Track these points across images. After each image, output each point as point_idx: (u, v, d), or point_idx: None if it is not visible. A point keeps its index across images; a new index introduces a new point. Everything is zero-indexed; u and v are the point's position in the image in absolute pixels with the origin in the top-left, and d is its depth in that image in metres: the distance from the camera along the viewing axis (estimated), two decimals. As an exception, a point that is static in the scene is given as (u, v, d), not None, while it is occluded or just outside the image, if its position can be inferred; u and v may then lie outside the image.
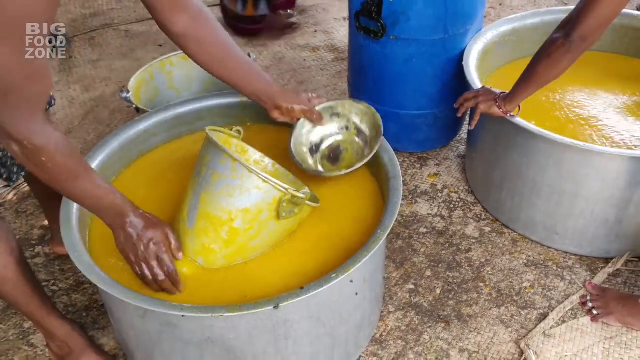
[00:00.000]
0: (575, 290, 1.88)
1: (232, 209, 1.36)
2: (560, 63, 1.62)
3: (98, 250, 1.49)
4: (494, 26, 2.25)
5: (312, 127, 1.65)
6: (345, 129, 1.66)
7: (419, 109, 2.26)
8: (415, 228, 2.11)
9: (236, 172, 1.34)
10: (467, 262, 1.99)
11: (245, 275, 1.43)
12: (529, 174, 1.90)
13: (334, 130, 1.67)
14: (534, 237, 2.04)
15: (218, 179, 1.36)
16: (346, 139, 1.66)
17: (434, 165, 2.38)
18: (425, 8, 2.00)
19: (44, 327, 1.64)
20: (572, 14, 1.60)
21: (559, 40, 1.60)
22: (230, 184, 1.35)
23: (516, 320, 1.80)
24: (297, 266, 1.44)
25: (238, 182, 1.34)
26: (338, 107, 1.66)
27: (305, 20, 3.45)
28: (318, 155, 1.65)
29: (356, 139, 1.64)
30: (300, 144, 1.63)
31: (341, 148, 1.65)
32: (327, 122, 1.66)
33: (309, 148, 1.65)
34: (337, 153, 1.65)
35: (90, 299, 1.91)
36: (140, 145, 1.74)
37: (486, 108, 1.83)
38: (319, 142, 1.66)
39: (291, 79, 2.94)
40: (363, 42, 2.16)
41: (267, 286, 1.39)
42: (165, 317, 1.31)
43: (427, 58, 2.11)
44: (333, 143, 1.66)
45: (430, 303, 1.86)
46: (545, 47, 1.66)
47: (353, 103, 1.65)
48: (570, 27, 1.57)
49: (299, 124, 1.63)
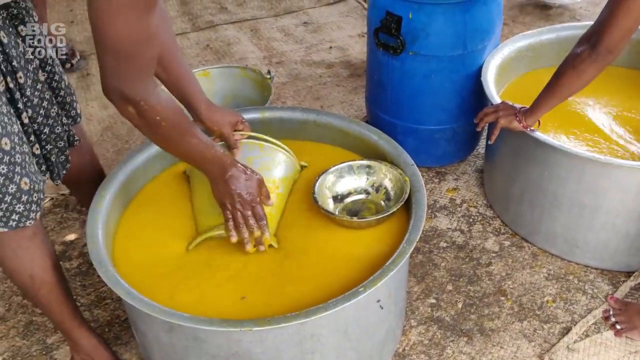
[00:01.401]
0: (597, 304, 1.88)
1: (274, 178, 1.62)
2: (586, 74, 1.64)
3: (124, 265, 1.51)
4: (511, 42, 2.27)
5: (340, 176, 1.68)
6: (375, 191, 1.68)
7: (438, 124, 2.27)
8: (435, 242, 2.11)
9: (265, 151, 1.64)
10: (487, 276, 1.99)
11: (269, 290, 1.44)
12: (549, 187, 1.90)
13: (363, 187, 1.69)
14: (554, 251, 2.04)
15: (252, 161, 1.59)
16: (373, 199, 1.67)
17: (453, 179, 2.38)
18: (444, 25, 2.02)
19: (72, 337, 1.65)
20: (596, 27, 1.61)
21: (585, 52, 1.61)
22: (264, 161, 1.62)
23: (539, 335, 1.80)
24: (321, 281, 1.45)
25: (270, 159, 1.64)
26: (374, 167, 1.68)
27: (320, 37, 3.48)
28: (340, 206, 1.66)
29: (382, 202, 1.66)
30: (326, 188, 1.66)
31: (365, 207, 1.66)
32: (359, 176, 1.70)
33: (333, 196, 1.67)
34: (359, 209, 1.66)
35: (112, 314, 1.92)
36: (162, 160, 1.76)
37: (506, 122, 1.85)
38: (345, 195, 1.68)
39: (307, 95, 2.96)
40: (382, 58, 2.18)
41: (290, 300, 1.40)
42: (192, 332, 1.32)
43: (446, 74, 2.12)
44: (359, 200, 1.68)
45: (452, 317, 1.86)
46: (569, 59, 1.68)
47: (390, 168, 1.66)
48: (596, 39, 1.59)
49: (328, 171, 1.67)
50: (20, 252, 1.45)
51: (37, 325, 1.89)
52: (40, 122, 1.47)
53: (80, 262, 2.10)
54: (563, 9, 3.64)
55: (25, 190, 1.36)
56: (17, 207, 1.36)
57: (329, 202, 1.64)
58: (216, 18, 3.71)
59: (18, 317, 1.92)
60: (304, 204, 1.66)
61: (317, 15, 3.73)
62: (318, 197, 1.60)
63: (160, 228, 1.61)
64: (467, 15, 2.03)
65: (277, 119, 1.83)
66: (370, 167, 1.68)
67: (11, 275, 1.50)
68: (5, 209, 1.34)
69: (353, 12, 3.75)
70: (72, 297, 1.64)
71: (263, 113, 1.84)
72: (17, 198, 1.35)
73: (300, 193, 1.69)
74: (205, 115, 1.61)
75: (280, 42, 3.45)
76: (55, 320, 1.62)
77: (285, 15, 3.73)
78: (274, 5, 3.85)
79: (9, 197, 1.33)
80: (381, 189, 1.67)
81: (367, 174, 1.68)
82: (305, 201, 1.66)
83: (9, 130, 1.31)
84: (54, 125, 1.53)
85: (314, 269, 1.48)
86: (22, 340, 1.85)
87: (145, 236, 1.59)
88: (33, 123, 1.45)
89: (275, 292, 1.43)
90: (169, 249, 1.55)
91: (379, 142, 1.72)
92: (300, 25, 3.63)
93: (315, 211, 1.60)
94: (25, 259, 1.46)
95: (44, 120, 1.49)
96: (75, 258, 2.11)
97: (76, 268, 2.07)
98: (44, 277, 1.50)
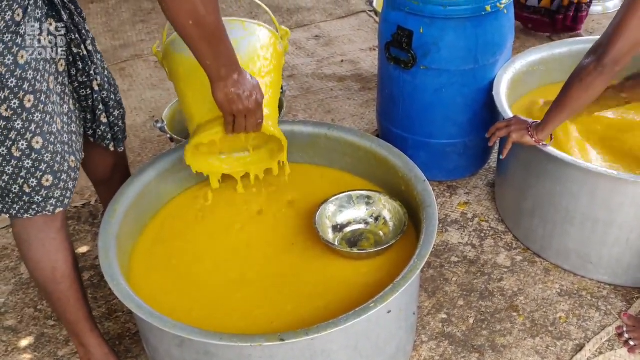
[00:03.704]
0: (611, 321, 1.86)
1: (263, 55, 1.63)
2: (593, 87, 1.64)
3: (136, 279, 1.52)
4: (523, 56, 2.27)
5: (341, 206, 1.70)
6: (374, 221, 1.69)
7: (449, 137, 2.27)
8: (446, 257, 2.10)
9: (248, 29, 1.65)
10: (499, 291, 1.97)
11: (274, 307, 1.47)
12: (561, 202, 1.89)
13: (363, 217, 1.71)
14: (567, 266, 2.02)
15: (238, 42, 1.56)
16: (372, 230, 1.69)
17: (464, 194, 2.38)
18: (456, 39, 2.02)
19: (84, 342, 1.65)
20: (602, 39, 1.62)
21: (591, 65, 1.61)
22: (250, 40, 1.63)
23: (552, 351, 1.78)
24: (327, 299, 1.47)
25: (255, 37, 1.64)
26: (374, 198, 1.70)
27: (332, 51, 3.49)
28: (339, 235, 1.68)
29: (380, 233, 1.67)
30: (326, 217, 1.68)
31: (363, 237, 1.68)
32: (358, 206, 1.71)
33: (333, 226, 1.69)
34: (358, 239, 1.67)
35: (123, 327, 1.92)
36: (177, 174, 1.77)
37: (518, 137, 1.84)
38: (345, 225, 1.70)
39: (318, 108, 2.97)
40: (393, 72, 2.18)
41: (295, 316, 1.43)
42: (203, 346, 1.32)
43: (457, 88, 2.12)
44: (358, 230, 1.69)
45: (463, 333, 1.84)
46: (577, 72, 1.67)
47: (389, 200, 1.68)
48: (602, 52, 1.59)
49: (329, 201, 1.69)
50: (48, 242, 1.48)
51: (49, 337, 1.90)
52: (107, 89, 1.56)
53: (91, 274, 2.11)
54: (575, 23, 3.63)
55: (73, 168, 1.44)
56: (69, 184, 1.44)
57: (328, 231, 1.67)
58: (228, 31, 3.73)
59: (30, 329, 1.93)
60: (304, 230, 1.69)
61: (329, 29, 3.75)
62: (319, 227, 1.62)
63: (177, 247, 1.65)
64: (479, 30, 2.03)
65: (288, 132, 1.83)
66: (370, 198, 1.71)
67: (34, 265, 1.52)
68: (63, 187, 1.42)
69: (364, 26, 3.77)
70: (88, 300, 1.66)
71: (275, 126, 1.85)
72: (69, 175, 1.43)
73: (302, 220, 1.72)
74: None
75: (291, 55, 3.47)
76: (69, 320, 1.62)
77: (297, 29, 3.75)
78: (285, 18, 3.87)
79: (64, 175, 1.41)
80: (380, 219, 1.69)
81: (367, 204, 1.71)
82: (306, 228, 1.69)
83: (59, 110, 1.38)
84: (115, 93, 1.62)
85: (311, 290, 1.52)
86: (33, 353, 1.85)
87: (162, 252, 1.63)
88: (102, 90, 1.53)
89: (277, 309, 1.47)
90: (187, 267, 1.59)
91: (390, 157, 1.72)
92: (312, 38, 3.65)
93: (315, 240, 1.63)
94: (52, 250, 1.49)
95: (109, 88, 1.58)
96: (87, 270, 2.12)
97: (87, 280, 2.08)
98: (65, 271, 1.52)
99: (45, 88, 1.32)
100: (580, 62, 1.68)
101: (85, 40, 1.46)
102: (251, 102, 1.39)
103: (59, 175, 1.40)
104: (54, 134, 1.36)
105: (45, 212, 1.41)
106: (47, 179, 1.38)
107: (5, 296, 2.04)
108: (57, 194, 1.41)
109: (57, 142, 1.37)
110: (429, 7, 1.99)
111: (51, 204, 1.42)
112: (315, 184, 1.82)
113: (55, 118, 1.37)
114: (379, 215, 1.69)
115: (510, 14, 2.12)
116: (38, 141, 1.33)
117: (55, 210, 1.43)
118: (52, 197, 1.41)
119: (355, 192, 1.72)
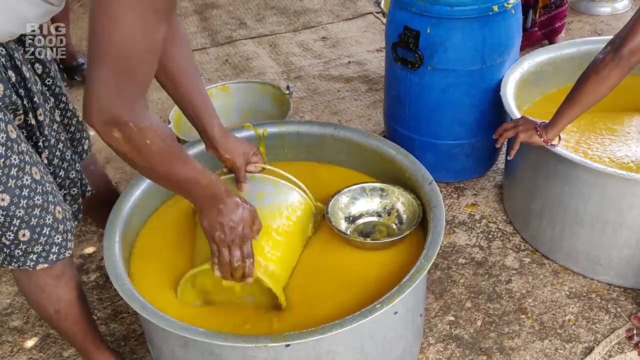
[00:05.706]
0: (621, 324, 1.83)
1: (285, 219, 1.53)
2: (609, 79, 1.62)
3: (140, 280, 1.51)
4: (530, 56, 2.25)
5: (353, 198, 1.68)
6: (387, 214, 1.67)
7: (456, 138, 2.25)
8: (453, 259, 2.08)
9: (279, 188, 1.58)
10: (507, 293, 1.95)
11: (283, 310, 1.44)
12: (570, 203, 1.87)
13: (375, 209, 1.68)
14: (576, 268, 2.00)
15: (263, 197, 1.54)
16: (384, 222, 1.67)
17: (471, 195, 2.36)
18: (463, 39, 2.01)
19: (91, 358, 1.65)
20: (621, 32, 1.61)
21: (607, 56, 1.60)
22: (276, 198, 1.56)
23: (560, 354, 1.76)
24: (336, 299, 1.44)
25: (283, 197, 1.56)
26: (387, 190, 1.68)
27: (339, 52, 3.49)
28: (352, 227, 1.66)
29: (393, 225, 1.65)
30: (338, 208, 1.66)
31: (376, 229, 1.66)
32: (371, 198, 1.69)
33: (346, 217, 1.67)
34: (370, 231, 1.65)
35: (128, 328, 1.92)
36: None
37: (526, 137, 1.82)
38: (357, 216, 1.68)
39: (325, 110, 2.96)
40: (400, 72, 2.17)
41: (304, 317, 1.40)
42: (207, 347, 1.31)
43: (464, 88, 2.11)
44: (370, 222, 1.67)
45: (471, 335, 1.82)
46: (592, 64, 1.66)
47: (403, 191, 1.65)
48: (619, 43, 1.58)
49: (341, 192, 1.66)
50: (48, 289, 1.43)
51: (54, 338, 1.89)
52: (56, 164, 1.43)
53: (97, 275, 2.11)
54: (583, 23, 3.62)
55: (60, 220, 1.34)
56: (56, 238, 1.34)
57: (341, 222, 1.65)
58: (235, 33, 3.74)
59: (35, 329, 1.92)
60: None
61: (336, 30, 3.74)
62: (331, 217, 1.60)
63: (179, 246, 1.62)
64: (486, 30, 2.01)
65: (294, 133, 1.83)
66: (383, 190, 1.68)
67: (36, 307, 1.49)
68: (45, 242, 1.32)
69: (371, 27, 3.76)
70: (95, 322, 1.64)
71: (281, 127, 1.84)
72: (54, 229, 1.32)
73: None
74: (218, 142, 1.51)
75: (298, 57, 3.47)
76: (76, 347, 1.62)
77: (304, 31, 3.75)
78: (292, 20, 3.87)
79: (47, 228, 1.31)
80: (393, 211, 1.66)
81: (380, 196, 1.68)
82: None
83: (35, 159, 1.28)
84: (68, 170, 1.48)
85: (326, 286, 1.49)
86: (39, 353, 1.85)
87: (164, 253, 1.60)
88: (49, 165, 1.40)
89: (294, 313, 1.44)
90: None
91: (396, 157, 1.71)
92: (319, 40, 3.65)
93: (329, 231, 1.60)
94: (52, 296, 1.45)
95: (60, 163, 1.44)
96: (93, 271, 2.12)
97: (93, 281, 2.08)
98: (69, 311, 1.49)
99: (4, 139, 1.20)
100: (595, 57, 1.67)
101: (37, 109, 1.32)
102: (235, 232, 1.28)
103: (37, 230, 1.29)
104: (28, 186, 1.24)
105: (26, 267, 1.33)
106: (24, 233, 1.28)
107: (11, 297, 2.04)
108: (38, 249, 1.32)
109: (34, 194, 1.26)
110: (436, 7, 1.98)
111: (31, 259, 1.33)
112: (323, 179, 1.79)
113: (28, 169, 1.24)
114: (392, 207, 1.66)
115: (517, 14, 2.11)
116: (4, 198, 1.22)
117: (36, 267, 1.34)
118: (31, 252, 1.32)
119: (369, 184, 1.69)
